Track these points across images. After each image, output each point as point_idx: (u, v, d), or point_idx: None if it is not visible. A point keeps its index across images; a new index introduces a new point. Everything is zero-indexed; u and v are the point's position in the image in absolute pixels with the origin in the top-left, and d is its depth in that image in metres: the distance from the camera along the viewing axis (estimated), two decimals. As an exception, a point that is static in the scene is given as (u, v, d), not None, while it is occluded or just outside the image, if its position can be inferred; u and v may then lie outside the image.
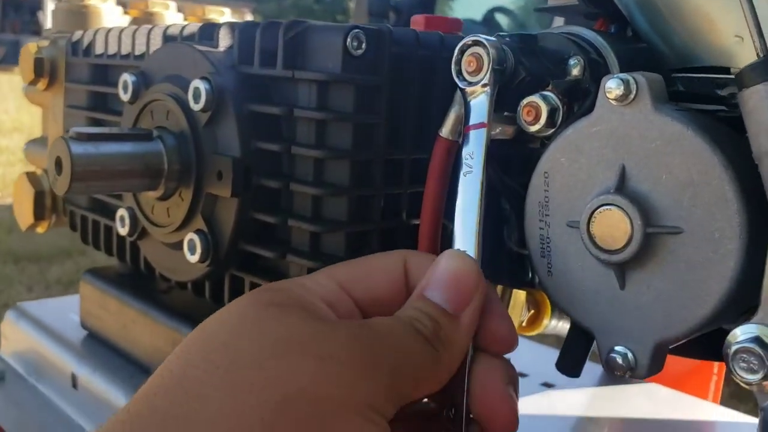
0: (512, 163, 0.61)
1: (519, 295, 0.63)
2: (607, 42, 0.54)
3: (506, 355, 0.45)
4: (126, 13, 0.91)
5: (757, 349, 0.34)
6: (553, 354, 0.54)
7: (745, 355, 0.35)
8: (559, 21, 0.78)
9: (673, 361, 0.46)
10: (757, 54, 0.38)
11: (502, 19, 4.16)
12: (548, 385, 0.78)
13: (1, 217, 4.07)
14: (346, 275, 0.44)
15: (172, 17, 0.94)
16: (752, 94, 0.37)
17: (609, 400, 0.78)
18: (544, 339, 0.77)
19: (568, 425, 0.74)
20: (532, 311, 0.65)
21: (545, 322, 0.66)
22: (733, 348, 0.35)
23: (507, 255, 0.64)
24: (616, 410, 0.76)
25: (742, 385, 0.36)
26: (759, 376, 0.34)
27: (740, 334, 0.36)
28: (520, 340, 0.80)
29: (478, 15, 4.67)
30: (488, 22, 4.40)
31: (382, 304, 0.43)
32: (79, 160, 0.55)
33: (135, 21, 0.90)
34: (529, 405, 0.75)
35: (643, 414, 0.76)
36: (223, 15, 0.96)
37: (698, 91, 0.48)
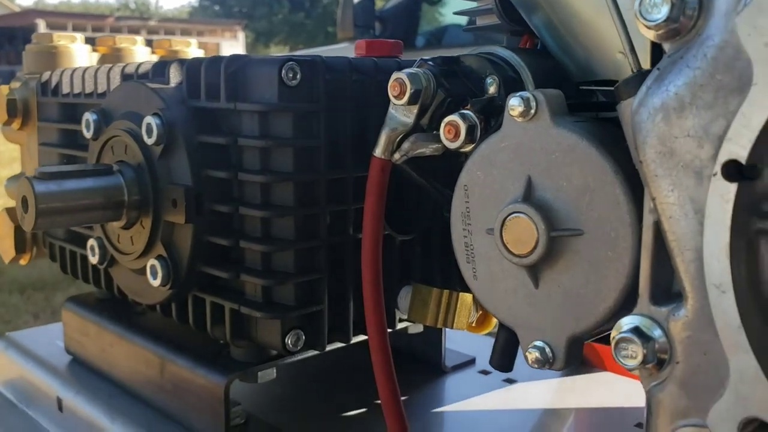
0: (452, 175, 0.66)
1: (466, 297, 0.67)
2: (523, 60, 0.58)
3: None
4: (95, 50, 0.95)
5: (635, 338, 0.38)
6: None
7: (624, 344, 0.39)
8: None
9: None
10: (631, 69, 0.42)
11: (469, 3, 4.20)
12: (510, 381, 0.82)
13: None
14: None
15: (140, 52, 0.99)
16: (626, 107, 0.41)
17: (569, 392, 0.81)
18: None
19: (532, 419, 0.77)
20: (480, 311, 0.69)
21: (494, 320, 0.70)
22: (615, 339, 0.39)
23: (454, 260, 0.68)
24: (577, 401, 0.80)
25: (627, 370, 0.39)
26: (637, 361, 0.38)
27: (622, 325, 0.40)
28: (480, 338, 0.84)
29: (463, 20, 4.73)
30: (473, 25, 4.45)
31: None
32: (42, 198, 0.60)
33: (104, 58, 0.95)
34: (492, 400, 0.78)
35: (604, 403, 0.80)
36: (190, 46, 1.01)
37: (600, 101, 0.52)
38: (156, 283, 0.63)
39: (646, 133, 0.37)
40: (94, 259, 0.71)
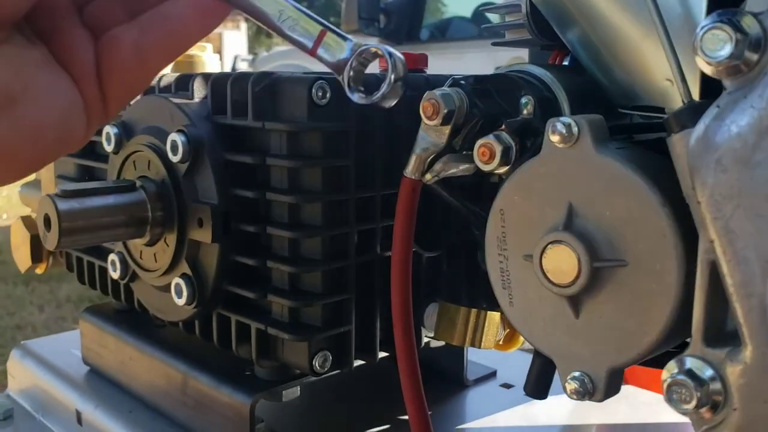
0: (480, 191, 0.65)
1: (494, 316, 0.66)
2: (557, 78, 0.57)
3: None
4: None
5: (688, 381, 0.37)
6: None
7: (676, 387, 0.38)
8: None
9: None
10: (682, 100, 0.41)
11: (493, 16, 4.19)
12: (508, 386, 0.82)
13: (7, 240, 4.12)
14: None
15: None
16: (677, 141, 0.40)
17: (592, 407, 0.81)
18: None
19: (553, 435, 0.77)
20: (508, 330, 0.68)
21: (521, 338, 0.69)
22: (667, 381, 0.38)
23: (482, 278, 0.67)
24: (599, 416, 0.79)
25: (679, 413, 0.38)
26: (691, 405, 0.37)
27: (673, 367, 0.39)
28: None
29: (467, 12, 4.70)
30: (478, 19, 4.43)
31: None
32: (65, 216, 0.58)
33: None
34: (515, 416, 0.78)
35: (627, 418, 0.79)
36: (205, 51, 0.99)
37: (641, 123, 0.51)
38: (181, 302, 0.62)
39: (706, 174, 0.35)
40: (115, 275, 0.70)
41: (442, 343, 0.78)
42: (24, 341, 0.93)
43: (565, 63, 0.65)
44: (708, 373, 0.38)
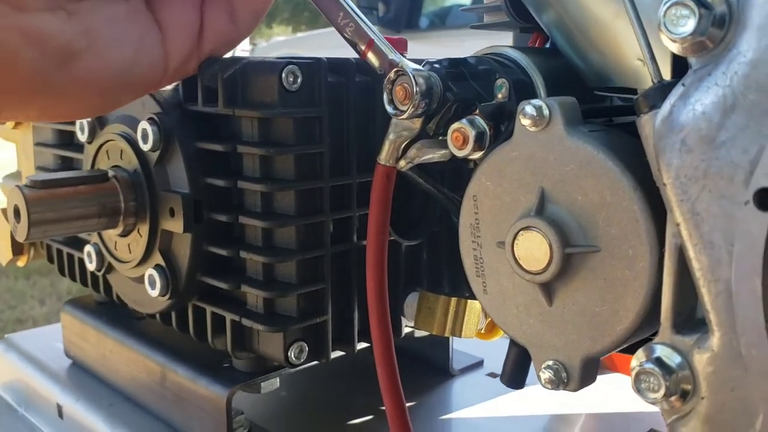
0: (461, 177, 0.63)
1: (474, 305, 0.65)
2: (533, 61, 0.55)
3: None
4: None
5: (656, 369, 0.36)
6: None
7: (645, 376, 0.37)
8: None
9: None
10: (651, 79, 0.40)
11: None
12: (495, 375, 0.81)
13: (8, 234, 4.11)
14: None
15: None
16: (646, 122, 0.38)
17: (580, 395, 0.80)
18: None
19: (541, 424, 0.76)
20: (489, 318, 0.67)
21: (504, 328, 0.68)
22: (635, 370, 0.37)
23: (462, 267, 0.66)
24: (588, 405, 0.78)
25: (647, 402, 0.37)
26: (659, 395, 0.36)
27: (642, 355, 0.38)
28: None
29: (467, 0, 4.67)
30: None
31: None
32: (35, 207, 0.57)
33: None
34: (501, 405, 0.76)
35: (616, 407, 0.78)
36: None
37: (615, 106, 0.49)
38: (154, 293, 0.61)
39: (671, 155, 0.34)
40: (91, 266, 0.69)
41: (426, 332, 0.77)
42: (7, 335, 0.92)
43: (547, 46, 0.64)
44: (677, 360, 0.37)
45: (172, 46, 0.47)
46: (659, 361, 0.37)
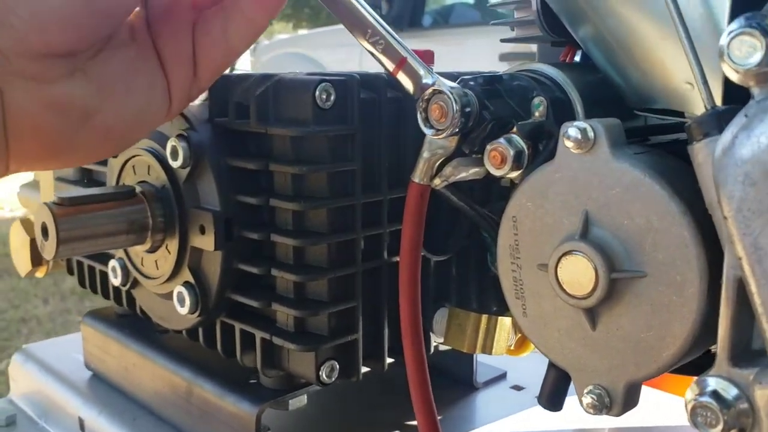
0: (490, 193, 0.63)
1: (505, 321, 0.64)
2: (569, 77, 0.54)
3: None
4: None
5: (713, 403, 0.36)
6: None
7: (701, 410, 0.36)
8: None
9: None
10: (705, 106, 0.39)
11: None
12: (518, 388, 0.80)
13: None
14: None
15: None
16: (700, 149, 0.38)
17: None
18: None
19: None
20: (519, 335, 0.66)
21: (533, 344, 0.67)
22: (691, 404, 0.37)
23: (492, 282, 0.65)
24: (612, 419, 0.77)
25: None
26: (718, 429, 0.35)
27: (696, 388, 0.37)
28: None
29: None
30: (480, 4, 4.38)
31: None
32: (63, 225, 0.57)
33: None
34: (526, 419, 0.76)
35: (642, 421, 0.77)
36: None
37: (658, 125, 0.49)
38: (183, 311, 0.61)
39: (733, 188, 0.34)
40: (116, 281, 0.69)
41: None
42: (25, 345, 0.91)
43: (576, 59, 0.63)
44: (733, 393, 0.36)
45: (175, 83, 0.46)
46: (716, 395, 0.36)
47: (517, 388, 0.82)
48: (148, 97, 0.45)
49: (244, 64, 5.72)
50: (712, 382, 0.37)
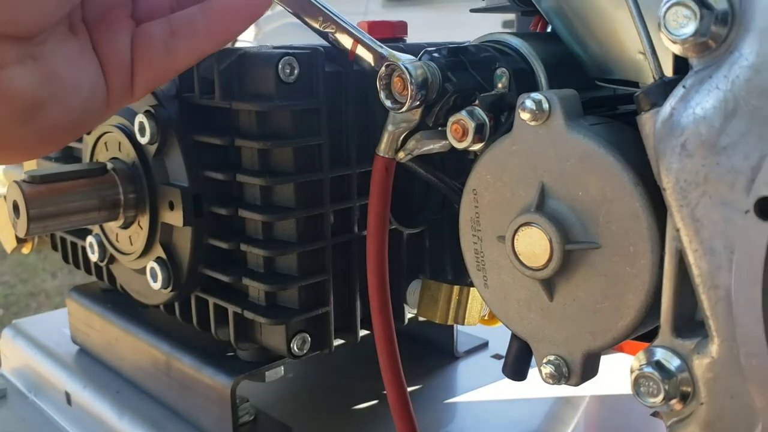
0: (463, 165, 0.63)
1: (477, 292, 0.64)
2: (534, 48, 0.54)
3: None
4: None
5: (656, 374, 0.36)
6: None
7: (644, 380, 0.36)
8: None
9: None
10: (653, 75, 0.39)
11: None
12: (499, 357, 0.81)
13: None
14: None
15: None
16: (647, 120, 0.38)
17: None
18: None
19: (545, 408, 0.76)
20: (493, 306, 0.67)
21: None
22: (634, 374, 0.37)
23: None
24: (592, 387, 0.77)
25: (646, 407, 0.37)
26: (658, 399, 0.36)
27: (642, 358, 0.37)
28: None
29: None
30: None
31: None
32: (34, 203, 0.57)
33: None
34: (505, 388, 0.77)
35: (621, 389, 0.78)
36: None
37: (617, 96, 0.48)
38: (156, 285, 0.61)
39: (671, 159, 0.33)
40: (93, 257, 0.70)
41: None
42: (15, 320, 0.93)
43: (549, 30, 0.62)
44: (676, 363, 0.36)
45: (111, 88, 0.45)
46: (659, 365, 0.36)
47: (498, 357, 0.82)
48: (91, 95, 0.43)
49: (246, 35, 5.67)
50: (657, 353, 0.37)
